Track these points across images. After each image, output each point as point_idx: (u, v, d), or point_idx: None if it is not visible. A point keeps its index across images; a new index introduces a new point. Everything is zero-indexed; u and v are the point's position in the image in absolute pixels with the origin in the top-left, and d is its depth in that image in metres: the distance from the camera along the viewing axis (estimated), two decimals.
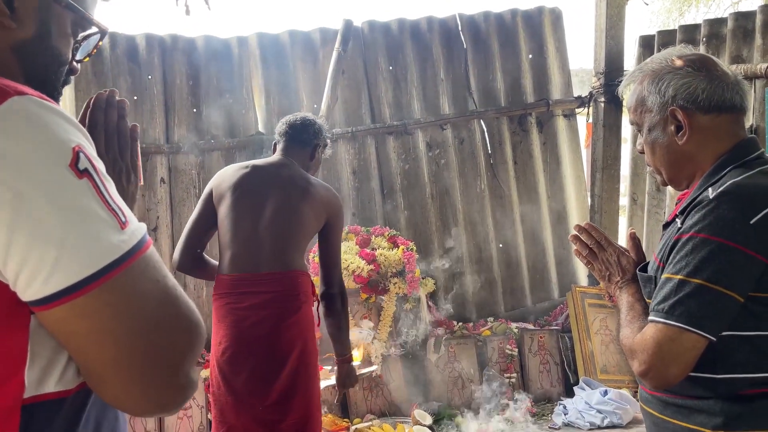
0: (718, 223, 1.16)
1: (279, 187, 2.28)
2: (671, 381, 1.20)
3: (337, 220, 2.37)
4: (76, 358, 0.70)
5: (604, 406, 3.38)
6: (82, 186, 0.67)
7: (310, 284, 2.29)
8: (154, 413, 0.77)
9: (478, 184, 4.22)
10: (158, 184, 3.73)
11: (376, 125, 4.03)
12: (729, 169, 1.24)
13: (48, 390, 0.69)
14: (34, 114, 0.66)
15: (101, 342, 0.68)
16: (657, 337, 1.18)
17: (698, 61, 1.29)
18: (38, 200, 0.64)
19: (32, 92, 0.69)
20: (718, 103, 1.26)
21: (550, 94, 4.35)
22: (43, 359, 0.69)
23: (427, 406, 3.60)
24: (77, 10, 0.82)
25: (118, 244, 0.68)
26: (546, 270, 4.40)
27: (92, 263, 0.65)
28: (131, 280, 0.68)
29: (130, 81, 3.71)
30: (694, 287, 1.16)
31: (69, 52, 0.85)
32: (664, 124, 1.31)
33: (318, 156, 2.49)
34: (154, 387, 0.71)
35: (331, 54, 3.88)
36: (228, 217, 2.26)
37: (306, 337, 2.20)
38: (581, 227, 1.50)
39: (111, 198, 0.70)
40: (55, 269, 0.64)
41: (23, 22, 0.76)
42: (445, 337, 3.82)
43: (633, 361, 1.25)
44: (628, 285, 1.40)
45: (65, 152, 0.66)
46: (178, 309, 0.73)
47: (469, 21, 4.22)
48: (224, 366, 2.17)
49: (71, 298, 0.65)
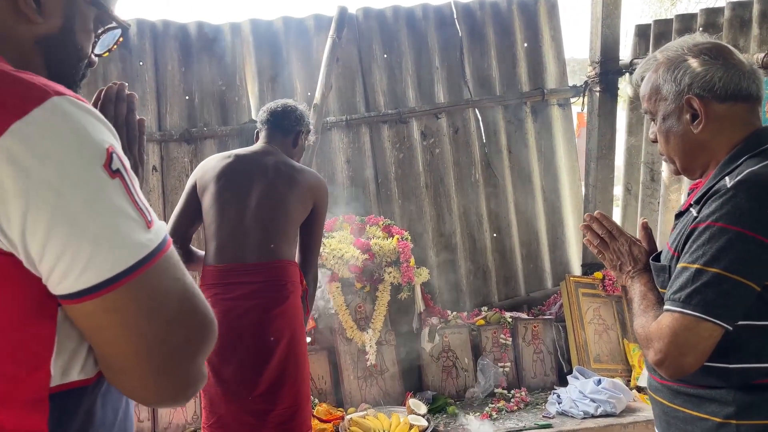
0: (736, 212, 1.15)
1: (263, 175, 2.26)
2: (687, 370, 1.20)
3: (323, 205, 2.38)
4: (99, 350, 0.73)
5: (598, 395, 3.39)
6: (115, 186, 0.70)
7: (298, 274, 2.28)
8: (165, 404, 0.81)
9: (473, 173, 4.20)
10: (150, 172, 3.67)
11: (370, 114, 4.00)
12: (745, 158, 1.24)
13: (72, 379, 0.73)
14: (72, 115, 0.69)
15: (125, 336, 0.71)
16: (673, 326, 1.18)
17: (714, 50, 1.28)
18: (76, 200, 0.67)
19: (68, 92, 0.71)
20: (735, 92, 1.25)
21: (545, 83, 4.33)
22: (68, 350, 0.72)
23: (422, 395, 3.61)
24: (101, 6, 0.85)
25: (146, 242, 0.71)
26: (540, 259, 4.41)
27: (123, 261, 0.69)
28: (156, 278, 0.72)
29: (120, 67, 3.64)
30: (711, 276, 1.16)
31: (90, 47, 0.89)
32: (679, 112, 1.30)
33: (301, 142, 2.48)
34: (168, 380, 0.75)
35: (325, 41, 3.84)
36: (212, 207, 2.24)
37: (294, 326, 2.19)
38: (592, 216, 1.49)
39: (139, 197, 0.73)
40: (88, 266, 0.67)
41: (49, 17, 0.80)
42: (440, 326, 3.82)
43: (648, 350, 1.25)
44: (641, 275, 1.39)
45: (100, 153, 0.69)
46: (195, 306, 0.76)
47: (464, 9, 4.19)
48: (213, 356, 2.16)
49: (101, 294, 0.68)
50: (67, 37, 0.82)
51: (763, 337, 1.20)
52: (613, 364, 3.87)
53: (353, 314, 3.68)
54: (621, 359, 3.90)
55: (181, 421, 3.37)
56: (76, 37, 0.84)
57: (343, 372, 3.64)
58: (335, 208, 3.94)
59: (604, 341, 3.93)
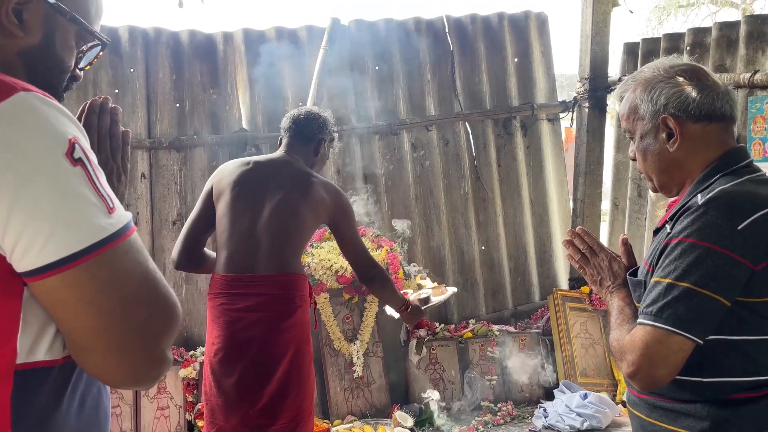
0: (707, 228, 1.18)
1: (278, 185, 2.23)
2: (659, 382, 1.22)
3: (343, 216, 2.33)
4: (62, 326, 0.77)
5: (584, 409, 3.40)
6: (76, 172, 0.74)
7: (307, 287, 2.25)
8: (129, 384, 0.86)
9: (462, 185, 4.22)
10: (138, 180, 3.66)
11: (361, 125, 4.01)
12: (718, 176, 1.27)
13: (38, 358, 0.77)
14: (37, 108, 0.75)
15: (86, 312, 0.75)
16: (645, 339, 1.20)
17: (690, 71, 1.32)
18: (37, 182, 0.71)
19: (37, 89, 0.77)
20: (709, 112, 1.29)
21: (534, 98, 4.37)
22: (35, 328, 0.76)
23: (408, 408, 3.60)
24: (80, 23, 0.90)
25: (106, 226, 0.76)
26: (527, 273, 4.42)
27: (82, 240, 0.73)
28: (116, 259, 0.76)
29: (111, 73, 3.63)
30: (682, 291, 1.17)
31: (72, 61, 0.93)
32: (655, 131, 1.33)
33: (323, 151, 2.44)
34: (130, 358, 0.79)
35: (317, 52, 3.85)
36: (226, 215, 2.22)
37: (300, 340, 2.16)
38: (574, 232, 1.51)
39: (101, 186, 0.77)
40: (48, 242, 0.71)
41: (30, 32, 0.85)
42: (427, 338, 3.81)
43: (622, 363, 1.27)
44: (619, 289, 1.41)
45: (62, 142, 0.74)
46: (157, 289, 0.81)
47: (456, 23, 4.23)
48: (216, 367, 2.14)
49: (61, 270, 0.72)
50: (46, 51, 0.88)
51: (735, 352, 1.21)
52: (599, 379, 3.88)
53: (341, 325, 3.68)
54: (607, 374, 3.91)
55: (165, 430, 3.34)
56: (56, 52, 0.89)
57: (329, 383, 3.62)
58: None
59: (591, 355, 3.94)
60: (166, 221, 3.68)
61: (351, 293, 3.68)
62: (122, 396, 3.29)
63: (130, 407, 3.32)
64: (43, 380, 0.78)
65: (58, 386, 0.80)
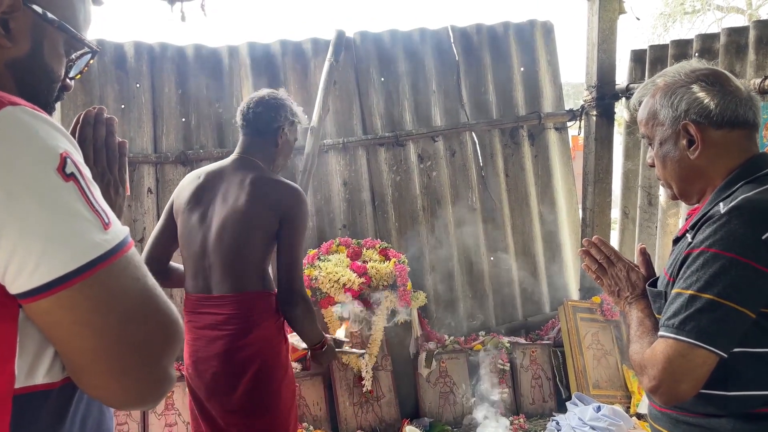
0: (729, 238, 1.14)
1: (224, 199, 2.12)
2: (682, 397, 1.18)
3: (293, 219, 2.08)
4: (59, 348, 0.74)
5: (598, 422, 3.34)
6: (68, 188, 0.71)
7: (271, 302, 2.13)
8: (131, 405, 0.82)
9: (470, 196, 4.19)
10: (145, 194, 3.65)
11: (367, 136, 3.99)
12: (740, 184, 1.23)
13: (37, 381, 0.74)
14: (26, 122, 0.71)
15: (82, 333, 0.72)
16: (667, 352, 1.16)
17: (712, 76, 1.28)
18: (27, 199, 0.68)
19: (25, 103, 0.74)
20: (731, 119, 1.25)
21: (541, 107, 4.34)
22: (32, 351, 0.74)
23: (418, 422, 3.54)
24: (69, 31, 0.87)
25: (101, 242, 0.72)
26: (537, 283, 4.37)
27: (76, 259, 0.70)
28: (112, 277, 0.73)
29: (117, 89, 3.63)
30: (705, 302, 1.14)
31: (62, 70, 0.90)
32: (676, 138, 1.30)
33: (284, 139, 2.19)
34: (131, 379, 0.75)
35: (322, 65, 3.85)
36: (182, 235, 2.18)
37: (265, 357, 2.09)
38: (591, 242, 1.48)
39: (96, 201, 0.75)
40: (40, 263, 0.68)
41: (18, 41, 0.82)
42: (437, 351, 3.77)
43: (643, 377, 1.23)
44: (638, 300, 1.37)
45: (53, 157, 0.71)
46: (156, 306, 0.77)
47: (461, 33, 4.21)
48: (189, 381, 2.18)
49: (55, 291, 0.69)
50: (35, 61, 0.85)
51: (761, 365, 1.18)
52: (612, 390, 3.82)
53: (349, 339, 3.63)
54: (620, 385, 3.85)
55: None
56: (45, 61, 0.86)
57: (338, 398, 3.58)
58: (331, 231, 3.92)
59: (603, 367, 3.88)
60: None
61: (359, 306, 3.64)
62: (130, 413, 3.26)
63: (138, 424, 3.29)
64: (42, 404, 0.75)
65: (58, 409, 0.77)
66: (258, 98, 2.19)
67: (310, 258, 3.64)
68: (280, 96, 2.21)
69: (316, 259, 3.65)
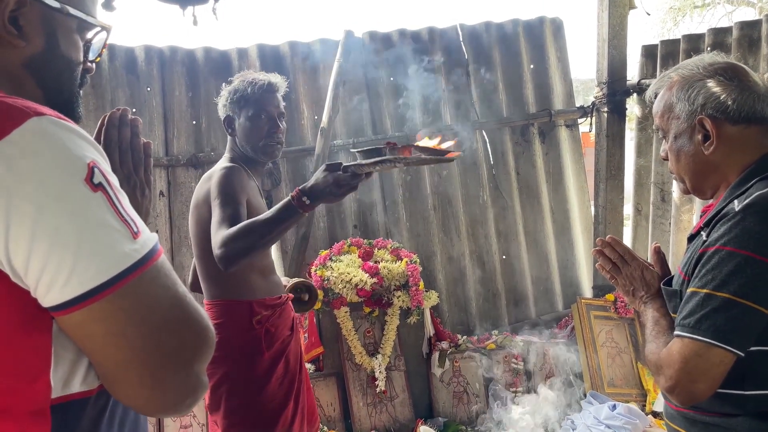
0: (745, 235, 1.13)
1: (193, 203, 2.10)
2: (698, 397, 1.17)
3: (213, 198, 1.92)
4: (93, 359, 0.75)
5: (613, 420, 3.31)
6: (96, 199, 0.71)
7: (238, 311, 2.02)
8: (165, 413, 0.81)
9: (481, 194, 4.17)
10: (157, 198, 3.67)
11: (377, 136, 3.99)
12: (755, 181, 1.22)
13: (74, 390, 0.75)
14: (52, 133, 0.71)
15: (115, 344, 0.72)
16: (683, 352, 1.15)
17: (730, 70, 1.26)
18: (56, 212, 0.68)
19: (50, 112, 0.73)
20: (748, 114, 1.23)
21: (552, 104, 4.32)
22: (67, 361, 0.74)
23: (433, 422, 3.54)
24: (79, 15, 0.86)
25: (131, 252, 0.72)
26: (550, 281, 4.35)
27: (107, 270, 0.70)
28: (143, 287, 0.73)
29: (128, 93, 3.66)
30: (720, 301, 1.13)
31: (80, 55, 0.89)
32: (691, 132, 1.28)
33: (238, 123, 2.08)
34: (164, 387, 0.75)
35: (331, 65, 3.85)
36: None
37: (227, 370, 1.99)
38: (604, 241, 1.46)
39: (124, 210, 0.74)
40: (71, 276, 0.68)
41: (31, 39, 0.81)
42: (450, 351, 3.76)
43: (659, 377, 1.22)
44: (653, 300, 1.36)
45: (81, 168, 0.71)
46: (187, 314, 0.77)
47: (470, 31, 4.20)
48: None
49: (87, 304, 0.69)
50: (53, 54, 0.84)
51: None
52: (627, 389, 3.79)
53: (362, 339, 3.63)
54: (635, 383, 3.82)
55: None
56: (62, 52, 0.85)
57: (352, 398, 3.58)
58: (342, 232, 3.92)
59: (618, 365, 3.85)
60: (185, 238, 3.67)
61: (371, 307, 3.64)
62: None
63: (153, 426, 3.30)
64: (80, 411, 0.76)
65: (95, 415, 0.78)
66: (221, 94, 2.17)
67: (322, 258, 3.64)
68: (234, 79, 2.14)
69: (328, 259, 3.65)
